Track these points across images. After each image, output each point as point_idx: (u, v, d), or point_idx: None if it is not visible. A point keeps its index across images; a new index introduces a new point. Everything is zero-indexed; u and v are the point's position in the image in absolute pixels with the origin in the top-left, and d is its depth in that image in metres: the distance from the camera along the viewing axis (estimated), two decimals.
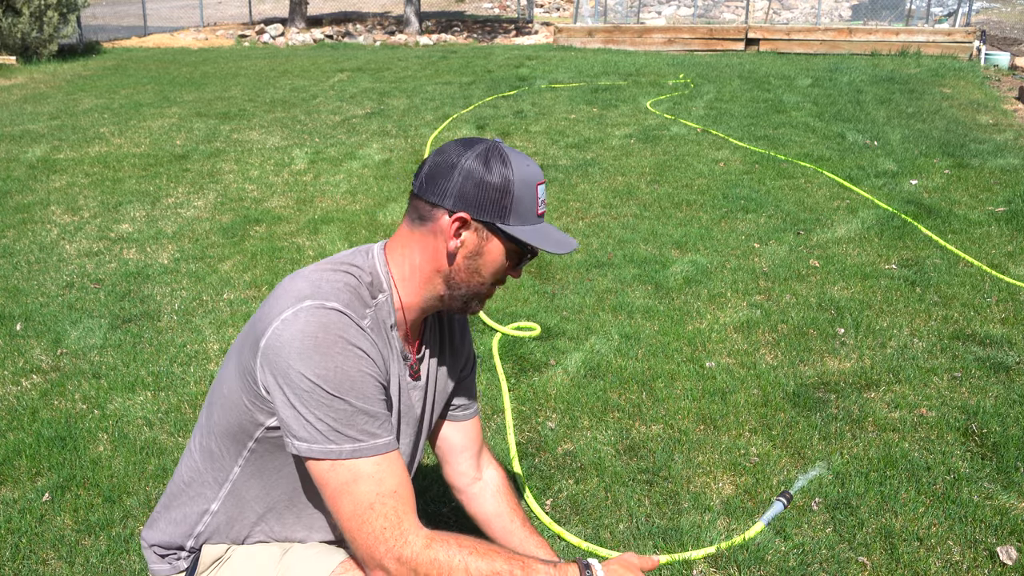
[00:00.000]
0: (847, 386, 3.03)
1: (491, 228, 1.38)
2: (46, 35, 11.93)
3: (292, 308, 1.29)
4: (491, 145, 1.39)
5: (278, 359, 1.27)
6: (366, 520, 1.24)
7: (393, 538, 1.24)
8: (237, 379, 1.36)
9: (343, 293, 1.33)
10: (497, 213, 1.36)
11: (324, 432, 1.25)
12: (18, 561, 2.19)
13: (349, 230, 4.74)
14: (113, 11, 18.63)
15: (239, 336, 1.44)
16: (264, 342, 1.29)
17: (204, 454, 1.45)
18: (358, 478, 1.26)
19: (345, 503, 1.26)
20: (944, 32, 12.33)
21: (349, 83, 9.98)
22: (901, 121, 7.42)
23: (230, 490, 1.44)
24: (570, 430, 2.77)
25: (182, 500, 1.49)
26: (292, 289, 1.33)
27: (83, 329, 3.52)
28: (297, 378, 1.25)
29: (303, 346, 1.25)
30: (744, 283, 3.96)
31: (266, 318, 1.31)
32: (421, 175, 1.41)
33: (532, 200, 1.38)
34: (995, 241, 4.45)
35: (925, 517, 2.31)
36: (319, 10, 20.30)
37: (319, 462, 1.27)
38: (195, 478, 1.47)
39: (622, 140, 6.86)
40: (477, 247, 1.39)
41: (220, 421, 1.41)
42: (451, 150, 1.39)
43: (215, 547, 1.48)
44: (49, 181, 5.74)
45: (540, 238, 1.38)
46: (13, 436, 2.74)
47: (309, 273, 1.37)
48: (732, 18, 16.27)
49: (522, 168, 1.37)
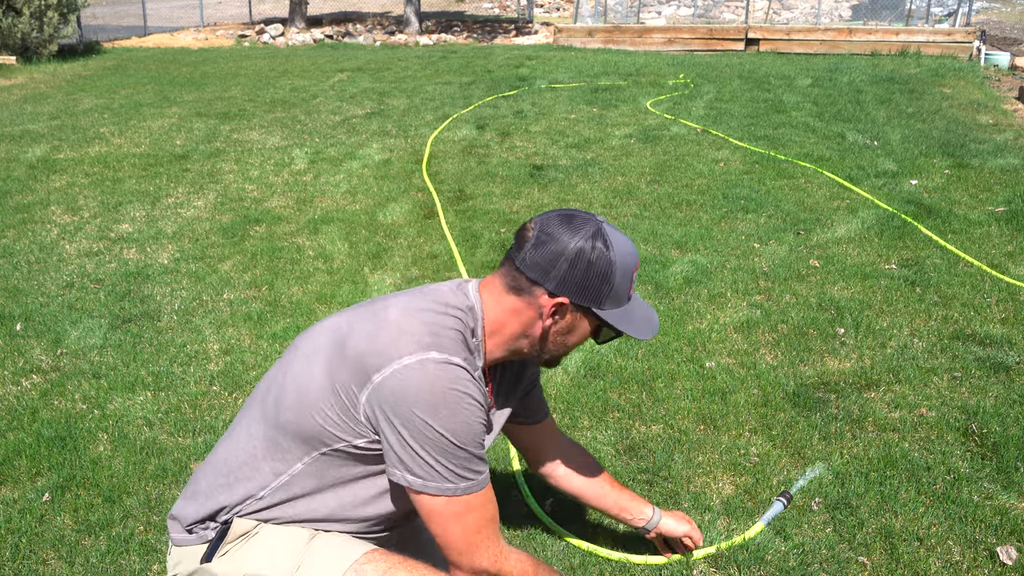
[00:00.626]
0: (847, 386, 3.03)
1: (585, 311, 1.47)
2: (46, 35, 11.93)
3: (416, 356, 1.35)
4: (597, 228, 1.43)
5: (399, 405, 1.35)
6: (473, 542, 1.42)
7: (493, 556, 1.44)
8: (329, 394, 1.40)
9: (460, 346, 1.41)
10: (594, 299, 1.45)
11: (444, 473, 1.38)
12: (18, 561, 2.19)
13: (349, 230, 4.74)
14: (113, 11, 18.63)
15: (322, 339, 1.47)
16: (380, 380, 1.35)
17: (269, 444, 1.48)
18: (469, 510, 1.41)
19: (455, 528, 1.41)
20: (944, 32, 12.33)
21: (349, 83, 9.98)
22: (901, 121, 7.43)
23: (286, 482, 1.48)
24: (570, 430, 2.77)
25: (231, 479, 1.51)
26: (410, 331, 1.38)
27: (83, 329, 3.52)
28: (422, 426, 1.35)
29: (432, 400, 1.34)
30: (744, 283, 3.96)
31: (379, 354, 1.36)
32: (525, 248, 1.45)
33: (627, 286, 1.48)
34: (995, 241, 4.45)
35: (925, 517, 2.31)
36: (319, 10, 20.29)
37: (433, 497, 1.40)
38: (250, 463, 1.50)
39: (622, 140, 6.86)
40: (570, 325, 1.49)
41: (294, 422, 1.44)
42: (557, 229, 1.43)
43: (246, 521, 1.50)
44: (49, 181, 5.75)
45: (627, 323, 1.48)
46: (13, 436, 2.74)
47: (423, 314, 1.42)
48: (732, 18, 16.27)
49: (624, 256, 1.45)
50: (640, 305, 1.54)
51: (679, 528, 2.03)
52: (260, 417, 1.51)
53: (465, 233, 4.67)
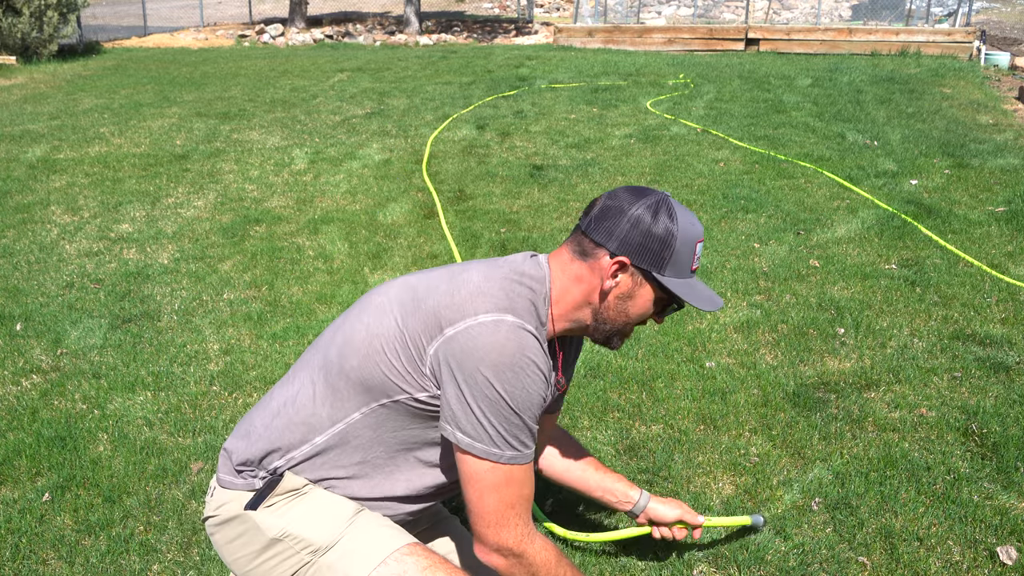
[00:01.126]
0: (847, 386, 3.03)
1: (646, 275, 1.47)
2: (46, 35, 11.93)
3: (492, 315, 1.37)
4: (662, 198, 1.48)
5: (467, 359, 1.35)
6: (504, 516, 1.41)
7: (522, 534, 1.43)
8: (398, 344, 1.42)
9: (531, 315, 1.43)
10: (655, 263, 1.46)
11: (493, 436, 1.38)
12: (18, 561, 2.19)
13: (349, 230, 4.74)
14: (113, 11, 18.63)
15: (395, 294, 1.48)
16: (452, 333, 1.37)
17: (329, 390, 1.48)
18: (510, 482, 1.41)
19: (491, 498, 1.40)
20: (944, 32, 12.33)
21: (349, 83, 9.98)
22: (901, 121, 7.43)
23: (341, 430, 1.48)
24: (570, 430, 2.77)
25: (288, 421, 1.51)
26: (487, 291, 1.41)
27: (83, 329, 3.52)
28: (483, 384, 1.35)
29: (500, 359, 1.35)
30: (744, 283, 3.96)
31: (456, 309, 1.38)
32: (591, 213, 1.50)
33: (689, 256, 1.48)
34: (995, 241, 4.45)
35: (925, 517, 2.31)
36: (319, 10, 20.30)
37: (478, 460, 1.39)
38: (308, 406, 1.50)
39: (622, 140, 6.86)
40: (630, 290, 1.49)
41: (358, 369, 1.45)
42: (623, 196, 1.48)
43: (296, 478, 1.50)
44: (49, 181, 5.75)
45: (689, 292, 1.48)
46: (13, 436, 2.74)
47: (501, 280, 1.44)
48: (732, 18, 16.27)
49: (687, 225, 1.47)
50: (702, 284, 1.54)
51: (670, 513, 1.97)
52: (322, 363, 1.51)
53: (465, 233, 4.67)
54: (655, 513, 1.97)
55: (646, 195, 1.48)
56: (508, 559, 1.43)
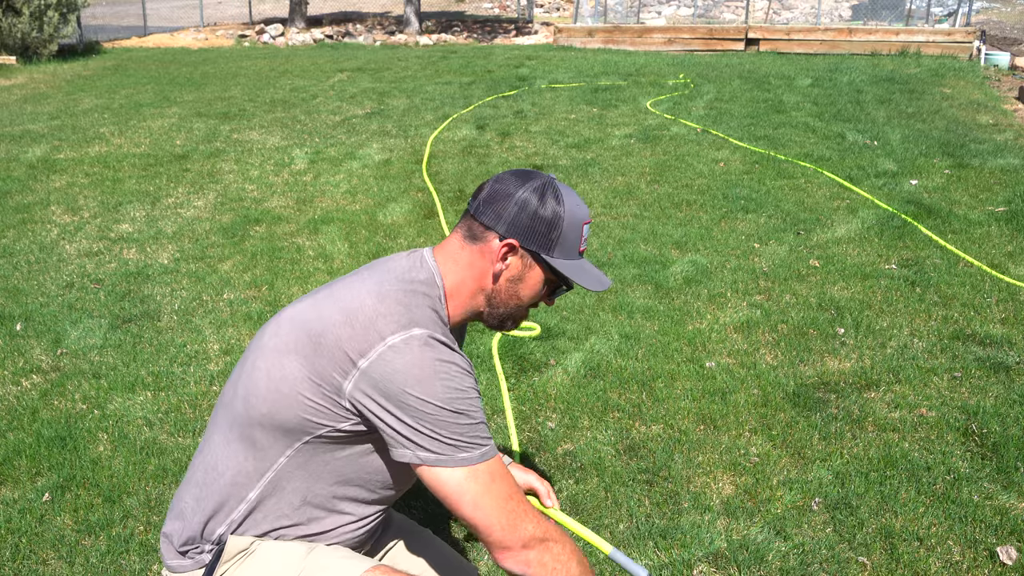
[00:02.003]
0: (847, 386, 3.03)
1: (535, 257, 1.49)
2: (46, 35, 11.93)
3: (399, 335, 1.34)
4: (548, 181, 1.50)
5: (389, 384, 1.33)
6: (510, 510, 1.37)
7: (534, 520, 1.39)
8: (305, 384, 1.38)
9: (436, 322, 1.42)
10: (543, 245, 1.47)
11: (456, 444, 1.35)
12: (18, 561, 2.19)
13: (349, 230, 4.74)
14: (113, 11, 18.64)
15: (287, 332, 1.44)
16: (366, 364, 1.34)
17: (245, 443, 1.45)
18: (494, 477, 1.38)
19: (488, 502, 1.36)
20: (944, 32, 12.33)
21: (349, 83, 9.98)
22: (901, 121, 7.43)
23: (271, 479, 1.46)
24: (570, 430, 2.77)
25: (215, 488, 1.48)
26: (386, 313, 1.37)
27: (83, 329, 3.52)
28: (417, 403, 1.33)
29: (421, 374, 1.33)
30: (744, 283, 3.96)
31: (360, 339, 1.35)
32: (479, 197, 1.50)
33: (576, 237, 1.50)
34: (995, 241, 4.45)
35: (925, 517, 2.31)
36: (319, 10, 20.30)
37: (453, 471, 1.36)
38: (232, 466, 1.47)
39: (622, 140, 6.86)
40: (520, 273, 1.50)
41: (272, 415, 1.42)
42: (510, 180, 1.50)
43: (241, 539, 1.47)
44: (49, 181, 5.75)
45: (578, 272, 1.50)
46: (13, 436, 2.74)
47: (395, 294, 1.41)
48: (732, 18, 16.27)
49: (573, 207, 1.49)
50: (591, 265, 1.55)
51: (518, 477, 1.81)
52: (231, 420, 1.48)
53: None
54: None
55: (532, 178, 1.50)
56: (538, 550, 1.39)
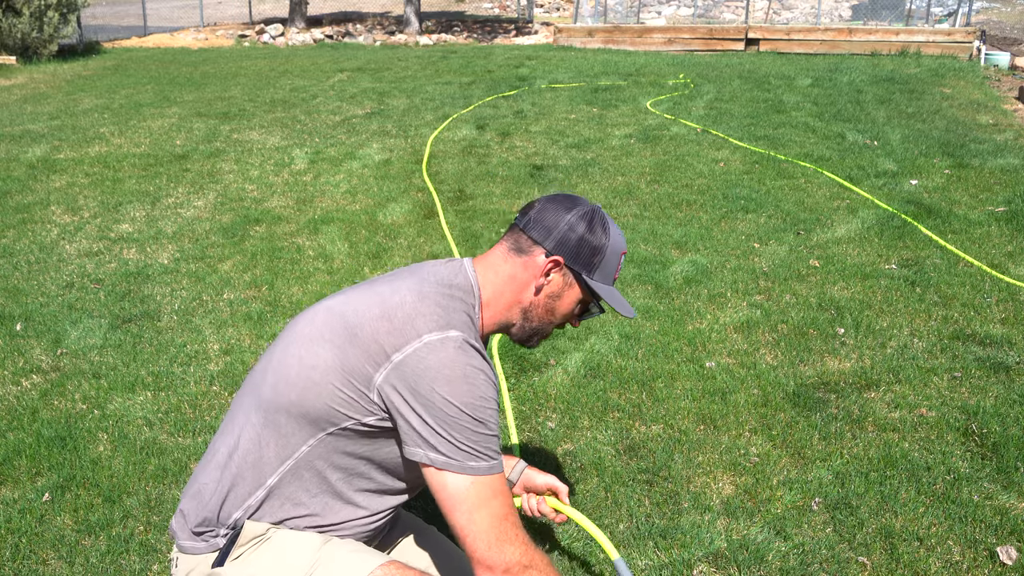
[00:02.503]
0: (847, 386, 3.03)
1: (576, 276, 1.56)
2: (46, 35, 11.92)
3: (436, 335, 1.38)
4: (597, 209, 1.59)
5: (420, 381, 1.36)
6: (502, 530, 1.39)
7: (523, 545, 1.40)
8: (337, 374, 1.41)
9: (470, 327, 1.46)
10: (586, 266, 1.55)
11: (467, 451, 1.38)
12: (18, 561, 2.19)
13: (349, 230, 4.74)
14: (113, 11, 18.64)
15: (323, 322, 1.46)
16: (400, 358, 1.37)
17: (270, 429, 1.47)
18: (495, 493, 1.40)
19: (482, 516, 1.38)
20: (944, 32, 12.33)
21: (349, 83, 9.98)
22: (901, 121, 7.43)
23: (291, 467, 1.47)
24: (570, 430, 2.77)
25: (235, 471, 1.49)
26: (425, 312, 1.41)
27: (83, 329, 3.52)
28: (442, 403, 1.36)
29: (452, 375, 1.36)
30: (744, 283, 3.96)
31: (397, 334, 1.39)
32: (529, 214, 1.58)
33: (614, 265, 1.59)
34: (995, 241, 4.45)
35: (925, 517, 2.31)
36: (319, 10, 20.30)
37: (458, 476, 1.38)
38: (254, 450, 1.48)
39: (622, 140, 6.86)
40: (560, 290, 1.57)
41: (298, 403, 1.44)
42: (561, 201, 1.58)
43: (257, 524, 1.48)
44: (49, 181, 5.75)
45: (611, 297, 1.59)
46: (13, 436, 2.74)
47: (434, 296, 1.46)
48: (732, 18, 16.27)
49: (616, 237, 1.59)
50: (619, 294, 1.63)
51: (539, 480, 1.87)
52: (257, 404, 1.49)
53: (465, 233, 4.67)
54: (529, 481, 1.88)
55: (581, 204, 1.58)
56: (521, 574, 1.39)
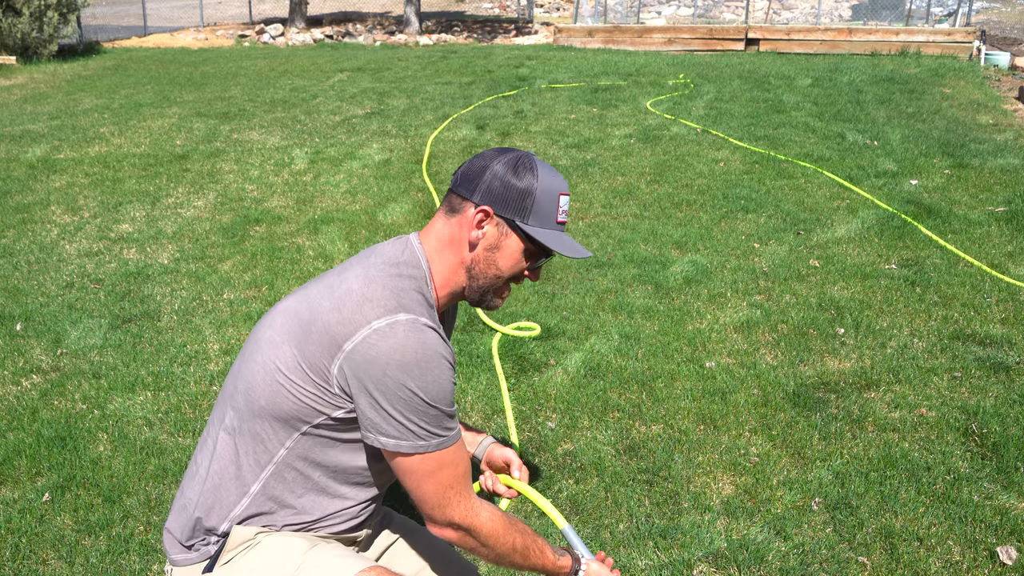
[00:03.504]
0: (847, 386, 3.03)
1: (511, 225, 1.50)
2: (46, 35, 11.93)
3: (384, 320, 1.37)
4: (524, 155, 1.53)
5: (371, 367, 1.36)
6: (445, 497, 1.44)
7: (466, 509, 1.46)
8: (297, 372, 1.42)
9: (424, 306, 1.44)
10: (518, 212, 1.49)
11: (416, 432, 1.39)
12: (18, 561, 2.19)
13: (349, 230, 4.74)
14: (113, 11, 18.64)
15: (281, 323, 1.48)
16: (350, 347, 1.37)
17: (246, 437, 1.49)
18: (442, 466, 1.42)
19: (429, 485, 1.43)
20: (944, 32, 12.33)
21: (349, 83, 9.98)
22: (901, 121, 7.42)
23: (272, 471, 1.49)
24: (570, 430, 2.77)
25: (215, 484, 1.51)
26: (373, 297, 1.40)
27: (83, 329, 3.52)
28: (395, 387, 1.36)
29: (404, 360, 1.35)
30: (744, 283, 3.96)
31: (347, 323, 1.38)
32: (458, 173, 1.54)
33: (552, 207, 1.51)
34: (995, 241, 4.45)
35: (925, 517, 2.31)
36: (319, 10, 20.30)
37: (407, 456, 1.41)
38: (234, 460, 1.50)
39: (622, 140, 6.86)
40: (496, 241, 1.50)
41: (268, 406, 1.45)
42: (487, 154, 1.54)
43: (245, 529, 1.50)
44: (49, 181, 5.75)
45: (555, 241, 1.51)
46: (13, 436, 2.74)
47: (382, 279, 1.44)
48: (732, 18, 16.27)
49: (548, 177, 1.51)
50: (570, 237, 1.56)
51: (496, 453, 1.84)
52: (232, 414, 1.51)
53: None
54: (490, 456, 1.86)
55: (509, 152, 1.53)
56: (459, 532, 1.47)
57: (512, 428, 2.75)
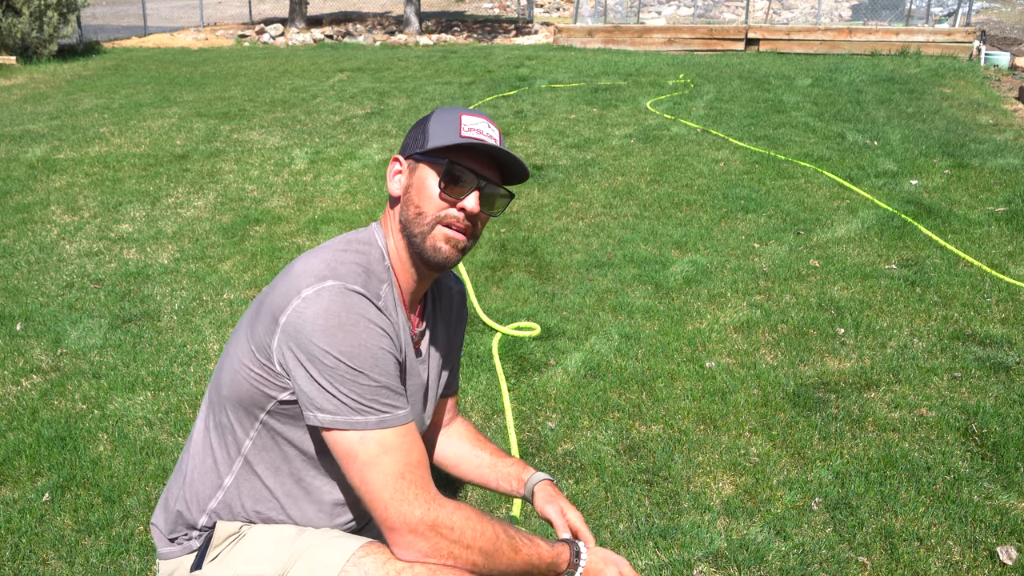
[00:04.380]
0: (847, 386, 3.03)
1: (414, 158, 1.46)
2: (46, 35, 11.93)
3: (313, 287, 1.33)
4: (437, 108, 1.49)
5: (299, 336, 1.31)
6: (398, 488, 1.30)
7: (426, 503, 1.31)
8: (248, 355, 1.40)
9: (359, 275, 1.38)
10: (416, 145, 1.45)
11: (350, 404, 1.31)
12: (18, 561, 2.19)
13: (349, 230, 4.74)
14: (113, 11, 18.64)
15: (247, 314, 1.48)
16: (284, 319, 1.34)
17: (216, 428, 1.49)
18: (387, 450, 1.32)
19: (375, 475, 1.31)
20: (944, 32, 12.33)
21: (349, 83, 9.98)
22: (901, 121, 7.42)
23: (242, 464, 1.47)
24: (570, 430, 2.77)
25: (194, 476, 1.51)
26: (309, 269, 1.37)
27: (83, 329, 3.52)
28: (320, 354, 1.30)
29: (327, 324, 1.30)
30: (744, 283, 3.96)
31: (283, 296, 1.36)
32: None
33: (452, 125, 1.42)
34: (995, 241, 4.45)
35: (925, 517, 2.31)
36: (319, 10, 20.30)
37: (345, 433, 1.32)
38: (207, 453, 1.50)
39: (622, 140, 6.86)
40: (408, 180, 1.46)
41: (230, 395, 1.44)
42: None
43: (229, 524, 1.49)
44: (49, 181, 5.75)
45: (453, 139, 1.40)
46: (13, 436, 2.74)
47: (322, 253, 1.41)
48: (732, 18, 16.27)
49: (442, 111, 1.46)
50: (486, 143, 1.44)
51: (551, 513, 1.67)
52: (207, 406, 1.52)
53: None
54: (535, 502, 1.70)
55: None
56: (426, 537, 1.30)
57: (512, 428, 2.75)
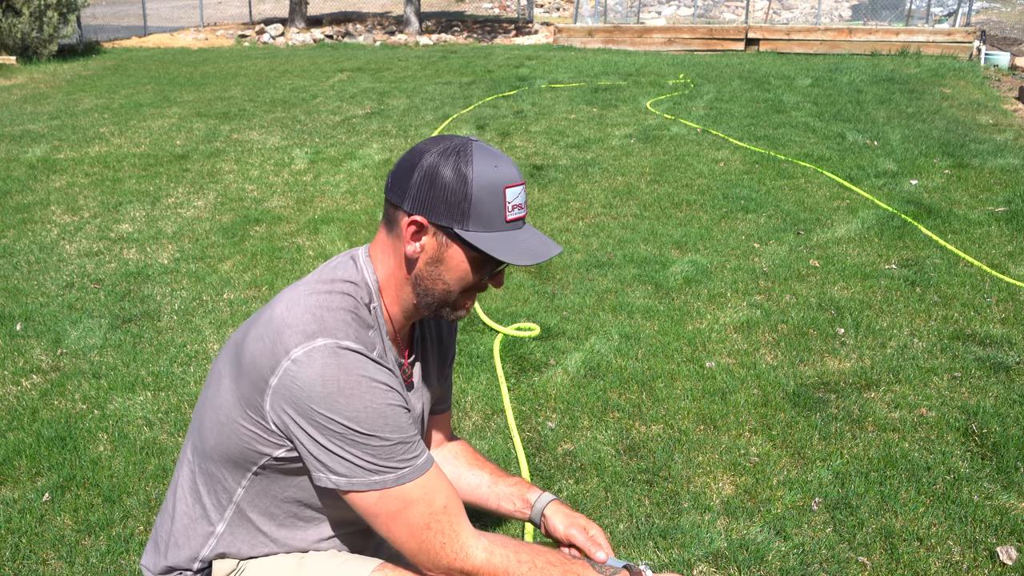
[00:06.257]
0: (847, 386, 3.03)
1: (450, 234, 1.27)
2: (46, 35, 11.92)
3: (303, 347, 1.22)
4: (459, 143, 1.27)
5: (297, 403, 1.23)
6: (424, 540, 1.26)
7: (454, 552, 1.27)
8: (237, 410, 1.30)
9: (350, 326, 1.26)
10: (455, 218, 1.26)
11: (364, 467, 1.24)
12: (18, 561, 2.19)
13: (349, 230, 4.74)
14: (113, 11, 18.64)
15: (225, 356, 1.38)
16: (275, 382, 1.24)
17: (204, 477, 1.41)
18: (408, 504, 1.26)
19: (400, 528, 1.26)
20: (944, 32, 12.33)
21: (349, 83, 9.98)
22: (901, 121, 7.42)
23: (234, 512, 1.40)
24: (570, 430, 2.77)
25: (184, 524, 1.44)
26: (294, 322, 1.25)
27: (83, 329, 3.52)
28: (325, 421, 1.22)
29: (325, 391, 1.21)
30: (744, 283, 3.96)
31: (269, 355, 1.25)
32: (391, 172, 1.33)
33: (497, 204, 1.26)
34: (995, 241, 4.45)
35: (925, 517, 2.31)
36: (319, 10, 20.30)
37: (363, 494, 1.26)
38: (196, 499, 1.43)
39: (622, 140, 6.86)
40: (437, 254, 1.30)
41: (218, 447, 1.36)
42: (419, 148, 1.30)
43: (226, 562, 1.43)
44: (49, 181, 5.75)
45: (505, 246, 1.26)
46: (13, 436, 2.74)
47: (304, 299, 1.28)
48: (732, 18, 16.27)
49: (486, 168, 1.25)
50: (531, 234, 1.30)
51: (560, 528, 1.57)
52: (192, 452, 1.44)
53: None
54: (550, 525, 1.59)
55: (442, 142, 1.28)
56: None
57: (512, 428, 2.75)
